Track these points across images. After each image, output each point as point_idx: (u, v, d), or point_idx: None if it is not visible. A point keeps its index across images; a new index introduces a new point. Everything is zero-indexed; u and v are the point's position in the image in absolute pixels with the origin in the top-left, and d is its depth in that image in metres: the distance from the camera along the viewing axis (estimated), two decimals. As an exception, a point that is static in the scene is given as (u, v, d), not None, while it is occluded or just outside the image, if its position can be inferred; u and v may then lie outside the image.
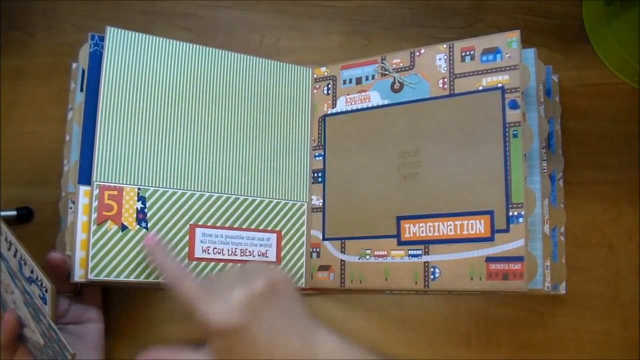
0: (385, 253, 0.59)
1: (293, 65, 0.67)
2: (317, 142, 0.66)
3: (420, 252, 0.58)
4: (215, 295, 0.47)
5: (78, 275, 0.55)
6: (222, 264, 0.60)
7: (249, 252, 0.61)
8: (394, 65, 0.63)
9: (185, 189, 0.60)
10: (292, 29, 0.71)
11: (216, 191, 0.61)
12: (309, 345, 0.49)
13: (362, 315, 0.65)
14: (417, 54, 0.62)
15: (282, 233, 0.63)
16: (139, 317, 0.64)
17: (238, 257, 0.61)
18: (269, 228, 0.63)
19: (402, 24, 0.70)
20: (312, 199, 0.65)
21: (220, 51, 0.63)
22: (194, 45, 0.62)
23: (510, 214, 0.54)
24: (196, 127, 0.61)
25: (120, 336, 0.64)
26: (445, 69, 0.60)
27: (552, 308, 0.62)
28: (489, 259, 0.55)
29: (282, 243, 0.63)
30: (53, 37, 0.70)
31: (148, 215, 0.58)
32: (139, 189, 0.58)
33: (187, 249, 0.59)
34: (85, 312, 0.58)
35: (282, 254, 0.63)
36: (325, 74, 0.67)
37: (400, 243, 0.59)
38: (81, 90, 0.60)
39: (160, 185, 0.59)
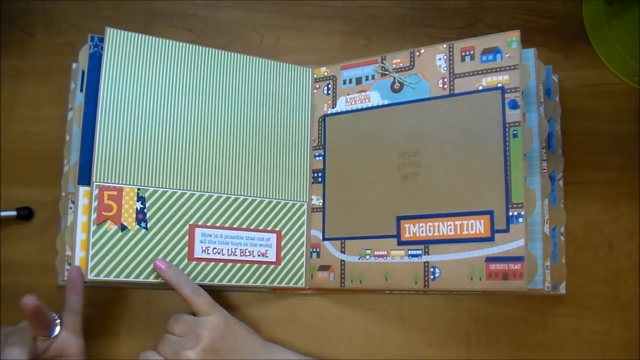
0: (385, 253, 0.59)
1: (293, 65, 0.67)
2: (317, 142, 0.66)
3: (420, 252, 0.58)
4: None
5: (78, 275, 0.56)
6: (221, 263, 0.60)
7: (249, 252, 0.61)
8: (394, 65, 0.63)
9: (185, 189, 0.60)
10: (292, 29, 0.71)
11: (216, 191, 0.61)
12: None
13: (362, 315, 0.65)
14: (417, 54, 0.62)
15: (282, 233, 0.63)
16: (138, 317, 0.64)
17: (238, 257, 0.61)
18: (269, 228, 0.63)
19: (402, 24, 0.70)
20: (312, 199, 0.65)
21: (220, 51, 0.63)
22: (194, 46, 0.62)
23: (510, 214, 0.54)
24: (196, 127, 0.61)
25: (120, 336, 0.64)
26: (445, 69, 0.60)
27: (552, 308, 0.62)
28: (489, 259, 0.54)
29: (282, 243, 0.63)
30: (53, 37, 0.70)
31: (147, 215, 0.58)
32: (138, 189, 0.58)
33: (186, 249, 0.59)
34: (67, 347, 0.56)
35: (282, 254, 0.63)
36: (325, 74, 0.67)
37: (400, 243, 0.59)
38: (81, 90, 0.61)
39: (160, 186, 0.59)
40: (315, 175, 0.65)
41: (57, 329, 0.55)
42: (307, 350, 0.64)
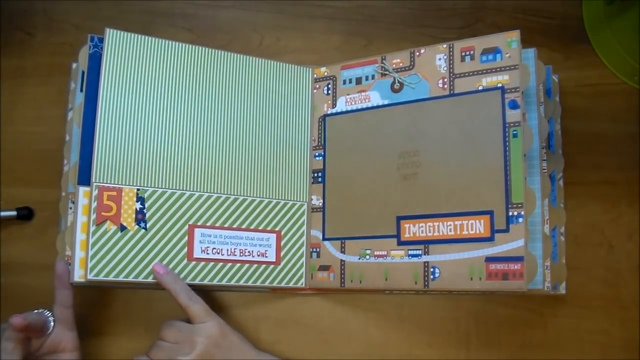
0: (385, 253, 0.59)
1: (293, 65, 0.67)
2: (317, 142, 0.66)
3: (420, 252, 0.58)
4: None
5: (78, 276, 0.56)
6: (221, 263, 0.60)
7: (249, 252, 0.61)
8: (394, 65, 0.63)
9: (184, 189, 0.60)
10: (292, 29, 0.71)
11: (215, 191, 0.61)
12: None
13: (362, 315, 0.65)
14: (417, 54, 0.62)
15: (282, 233, 0.63)
16: (139, 317, 0.64)
17: (237, 257, 0.61)
18: (268, 228, 0.63)
19: (402, 24, 0.70)
20: (312, 199, 0.65)
21: (220, 51, 0.63)
22: (194, 46, 0.62)
23: (510, 214, 0.54)
24: (196, 128, 0.61)
25: (120, 336, 0.64)
26: (445, 69, 0.60)
27: (552, 308, 0.62)
28: (489, 259, 0.54)
29: (282, 243, 0.63)
30: (53, 37, 0.70)
31: (147, 215, 0.58)
32: (138, 189, 0.58)
33: (186, 249, 0.59)
34: (60, 342, 0.56)
35: (282, 254, 0.63)
36: (325, 74, 0.67)
37: (400, 243, 0.59)
38: (81, 90, 0.61)
39: (159, 186, 0.59)
40: (315, 175, 0.65)
41: (51, 325, 0.55)
42: (307, 350, 0.64)
